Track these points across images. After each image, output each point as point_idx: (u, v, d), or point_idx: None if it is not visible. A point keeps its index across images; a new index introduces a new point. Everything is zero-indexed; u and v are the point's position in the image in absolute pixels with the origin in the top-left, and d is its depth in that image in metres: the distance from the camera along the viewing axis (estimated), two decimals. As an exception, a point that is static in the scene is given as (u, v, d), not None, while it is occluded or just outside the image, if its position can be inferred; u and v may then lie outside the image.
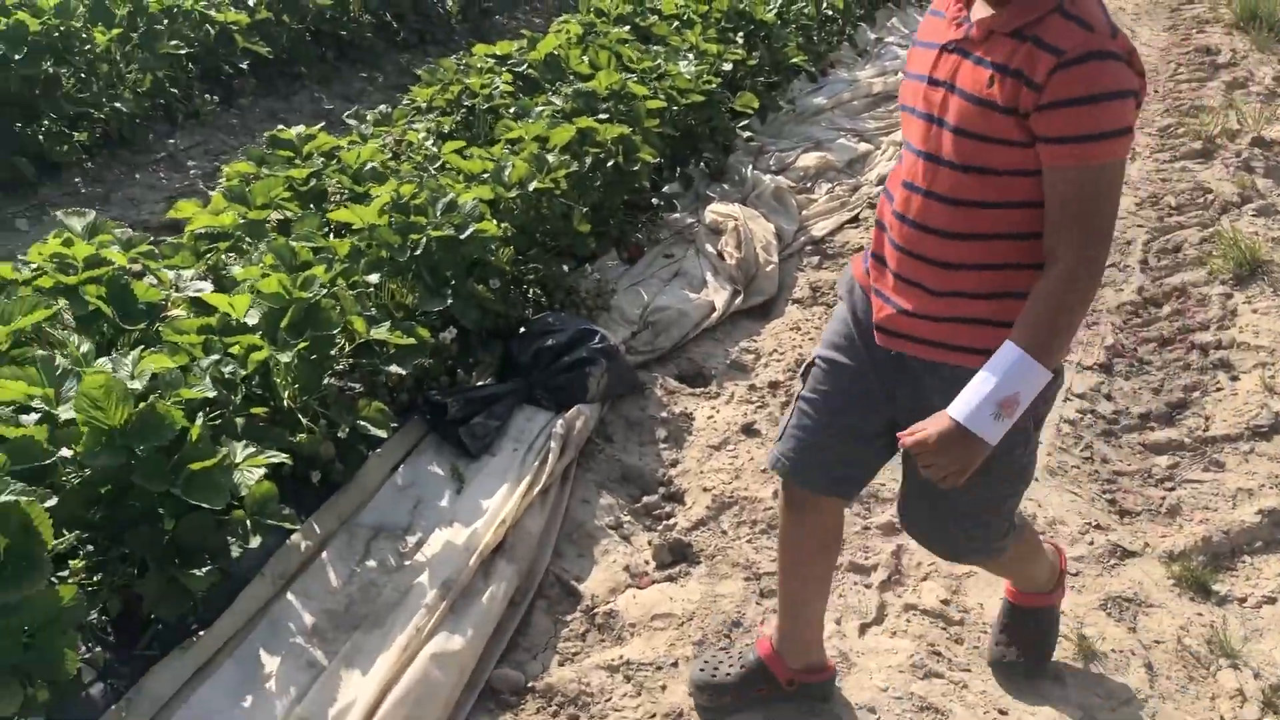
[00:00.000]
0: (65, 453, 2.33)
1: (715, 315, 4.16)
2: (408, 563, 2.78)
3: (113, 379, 2.36)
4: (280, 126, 4.29)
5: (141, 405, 2.38)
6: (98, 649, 2.32)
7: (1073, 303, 1.79)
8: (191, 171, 5.30)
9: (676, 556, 3.02)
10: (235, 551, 2.47)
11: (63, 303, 2.88)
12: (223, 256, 3.38)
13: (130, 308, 2.91)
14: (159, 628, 2.42)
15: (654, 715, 2.48)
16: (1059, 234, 1.79)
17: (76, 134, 5.04)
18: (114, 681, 2.28)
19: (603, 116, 4.45)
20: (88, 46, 5.05)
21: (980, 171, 1.82)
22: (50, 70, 4.83)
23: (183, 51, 5.48)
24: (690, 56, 5.50)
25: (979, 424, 1.78)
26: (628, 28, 6.03)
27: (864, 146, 6.21)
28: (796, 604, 2.41)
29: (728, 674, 2.47)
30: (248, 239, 3.48)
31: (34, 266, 3.03)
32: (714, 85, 5.22)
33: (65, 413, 2.38)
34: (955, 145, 1.83)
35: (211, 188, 4.87)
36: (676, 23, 6.24)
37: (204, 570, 2.40)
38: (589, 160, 4.13)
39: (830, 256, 4.91)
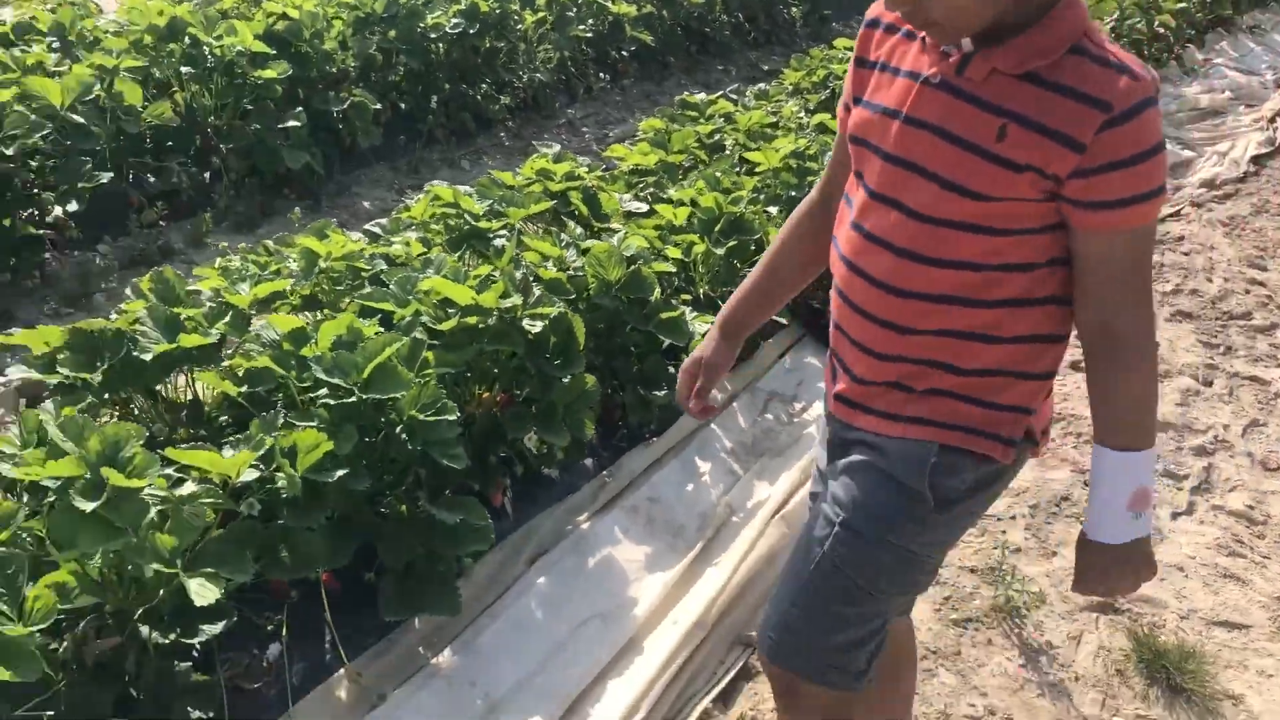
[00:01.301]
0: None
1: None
2: (795, 420, 3.54)
3: (612, 247, 3.24)
4: (677, 97, 5.19)
5: (630, 268, 3.25)
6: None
7: (1148, 384, 1.53)
8: (586, 135, 6.33)
9: (1010, 449, 3.63)
10: (682, 384, 3.30)
11: (550, 203, 3.83)
12: (652, 187, 4.28)
13: (597, 210, 3.84)
14: (624, 430, 3.28)
15: (995, 548, 3.11)
16: (1109, 306, 1.49)
17: (503, 97, 6.16)
18: (601, 457, 3.16)
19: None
20: (518, 26, 6.17)
21: (954, 227, 1.51)
22: (490, 43, 5.97)
23: (586, 35, 6.52)
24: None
25: (1128, 532, 1.53)
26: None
27: (1187, 154, 6.53)
28: None
29: None
30: (664, 175, 4.37)
31: (525, 178, 4.01)
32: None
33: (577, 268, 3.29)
34: (932, 197, 1.51)
35: (602, 150, 5.84)
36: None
37: (661, 393, 3.25)
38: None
39: (1158, 242, 5.35)
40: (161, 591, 2.23)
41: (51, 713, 2.02)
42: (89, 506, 2.05)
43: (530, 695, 2.44)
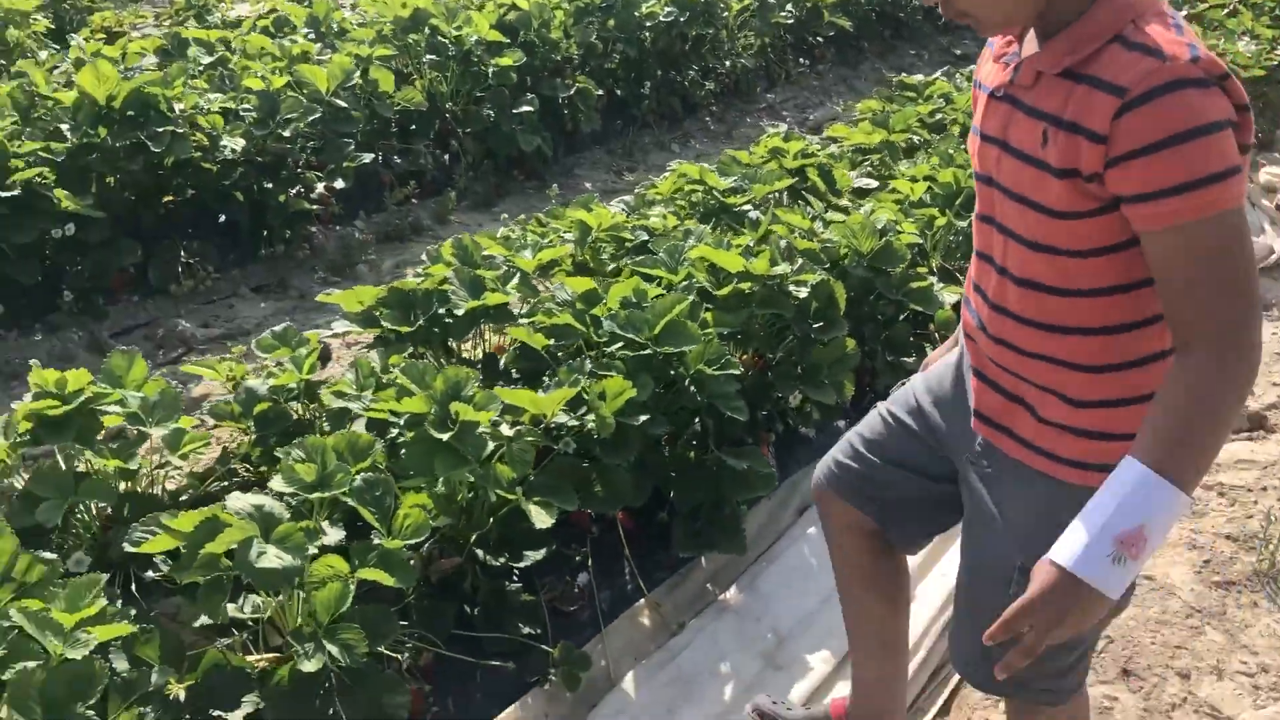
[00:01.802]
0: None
1: (1273, 257, 4.66)
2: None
3: (865, 219, 3.38)
4: (894, 78, 5.27)
5: (883, 239, 3.38)
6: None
7: (1214, 399, 1.28)
8: (786, 119, 6.47)
9: (1253, 424, 3.63)
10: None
11: (791, 180, 3.99)
12: (877, 165, 4.40)
13: (832, 185, 3.98)
14: (872, 394, 3.42)
15: (1250, 516, 3.13)
16: (1181, 316, 1.32)
17: (708, 83, 6.35)
18: (852, 418, 3.31)
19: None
20: (724, 14, 6.35)
21: (1047, 251, 1.43)
22: (697, 31, 6.16)
23: (786, 21, 6.67)
24: (1246, 38, 5.93)
25: (1091, 569, 1.26)
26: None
27: None
28: (856, 653, 2.09)
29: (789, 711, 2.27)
30: (887, 153, 4.48)
31: (759, 156, 4.18)
32: (1274, 62, 5.63)
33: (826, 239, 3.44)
34: (1019, 216, 1.44)
35: (804, 132, 5.97)
36: (1225, 10, 6.65)
37: (910, 359, 3.37)
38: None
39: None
40: (491, 519, 2.48)
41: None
42: (444, 436, 2.31)
43: (814, 632, 2.60)
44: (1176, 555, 2.97)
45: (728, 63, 6.41)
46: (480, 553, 2.46)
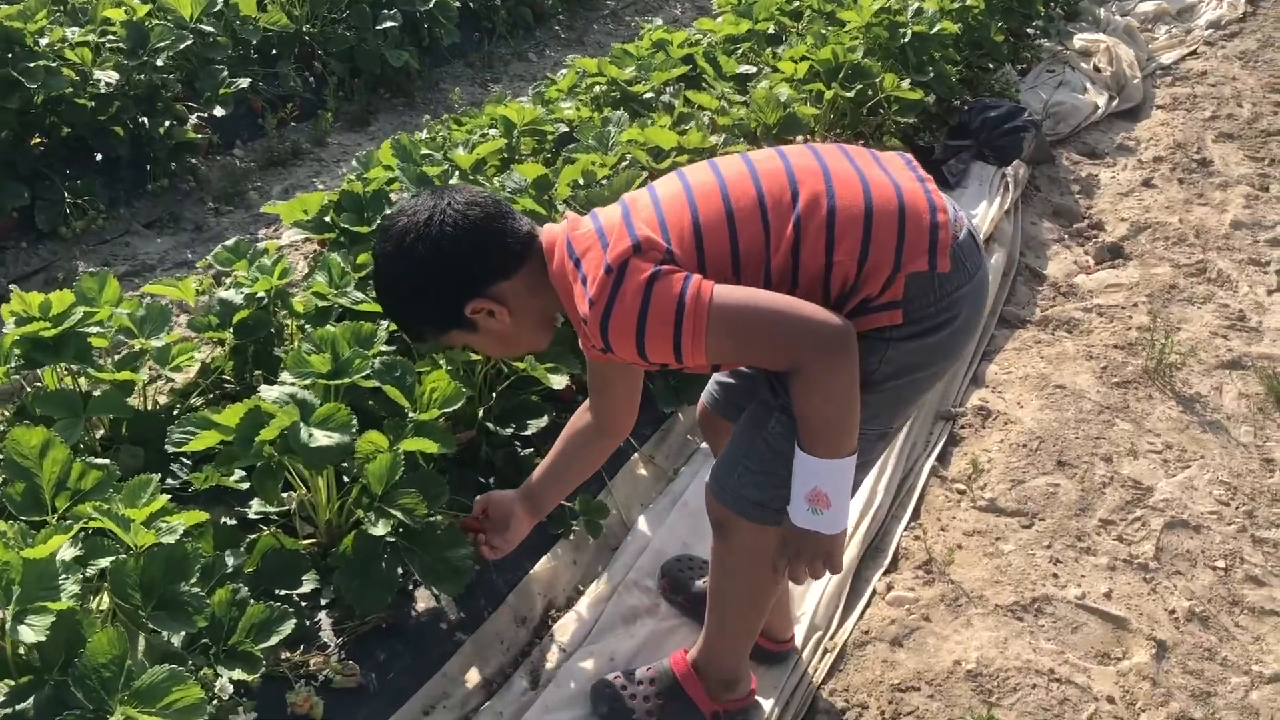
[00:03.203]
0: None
1: (1099, 112, 5.15)
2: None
3: (766, 93, 3.60)
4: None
5: (786, 111, 3.61)
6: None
7: (825, 401, 1.63)
8: (631, 24, 6.61)
9: (1113, 254, 4.08)
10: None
11: (685, 67, 4.16)
12: (745, 52, 4.61)
13: (720, 71, 4.18)
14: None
15: (1129, 328, 3.56)
16: (775, 364, 1.75)
17: (552, -9, 6.42)
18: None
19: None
20: (562, -79, 6.41)
21: None
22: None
23: (619, -73, 6.78)
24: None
25: (802, 520, 1.72)
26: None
27: (1189, -1, 6.99)
28: None
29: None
30: (754, 42, 4.71)
31: (646, 48, 4.33)
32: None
33: (736, 116, 3.63)
34: None
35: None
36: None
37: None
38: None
39: (1181, 78, 5.80)
40: (494, 394, 2.61)
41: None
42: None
43: (793, 463, 2.85)
44: (1079, 366, 3.37)
45: (568, -31, 6.49)
46: (490, 425, 2.59)
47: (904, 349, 1.74)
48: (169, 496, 1.97)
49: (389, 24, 5.10)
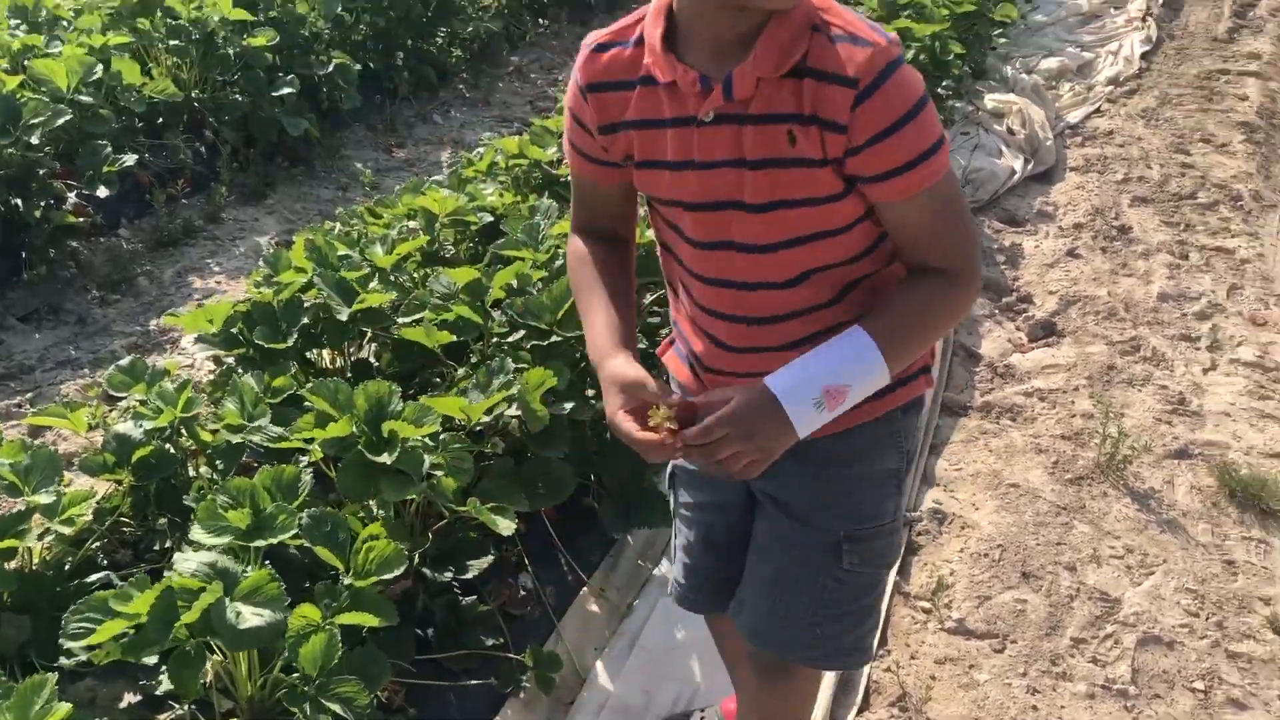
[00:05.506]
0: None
1: (1016, 176, 5.14)
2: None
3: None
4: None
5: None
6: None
7: (945, 308, 1.46)
8: (537, 81, 6.42)
9: (1046, 331, 4.02)
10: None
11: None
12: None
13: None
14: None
15: (1073, 415, 3.49)
16: (925, 260, 1.45)
17: (455, 50, 6.18)
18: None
19: (908, 16, 5.43)
20: (463, -23, 6.19)
21: (813, 239, 1.45)
22: (442, -4, 5.98)
23: (524, -18, 6.59)
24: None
25: (794, 404, 1.38)
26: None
27: (1086, 55, 7.08)
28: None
29: None
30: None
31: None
32: (979, -2, 6.16)
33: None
34: (773, 223, 1.43)
35: (560, 95, 5.95)
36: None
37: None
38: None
39: (1089, 137, 5.85)
40: (430, 536, 2.37)
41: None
42: (385, 459, 2.18)
43: (752, 588, 2.67)
44: (1029, 461, 3.27)
45: (470, 27, 6.25)
46: (427, 571, 2.35)
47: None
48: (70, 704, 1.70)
49: (285, 90, 4.80)
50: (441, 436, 2.36)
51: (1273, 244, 4.73)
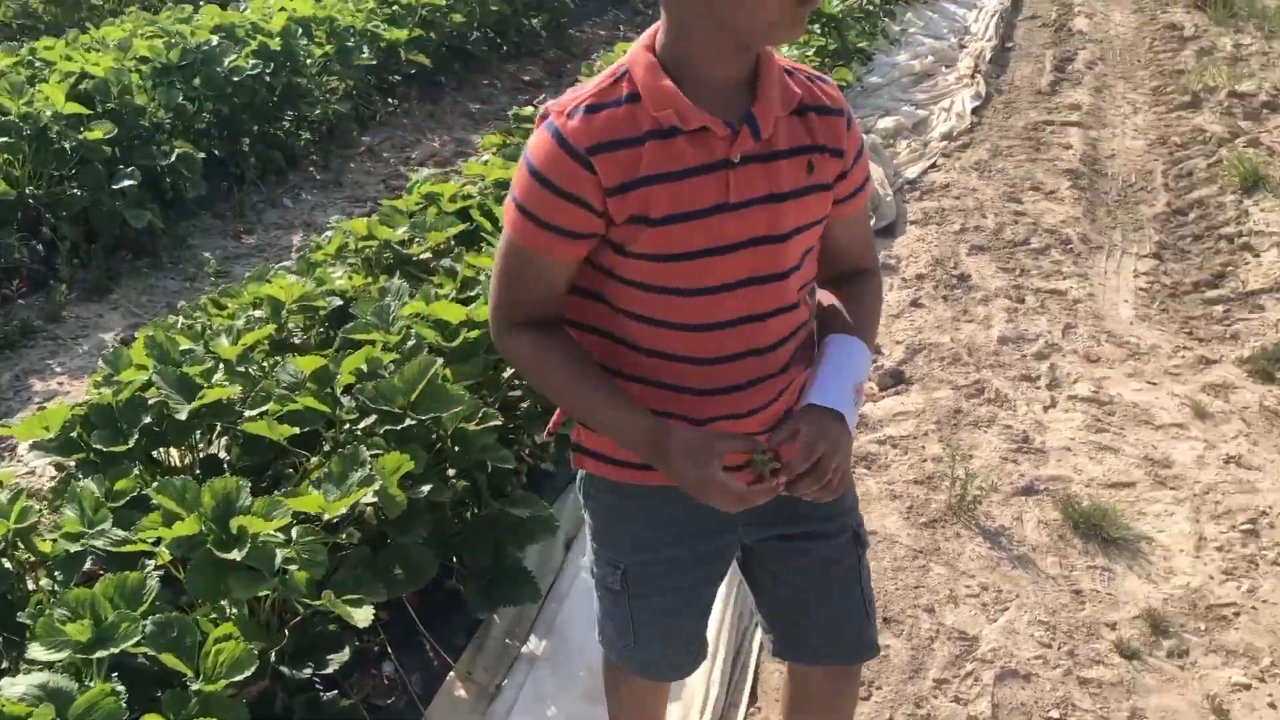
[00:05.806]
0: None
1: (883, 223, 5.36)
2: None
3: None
4: (510, 111, 5.41)
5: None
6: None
7: (879, 297, 1.77)
8: (389, 160, 6.41)
9: (895, 379, 4.17)
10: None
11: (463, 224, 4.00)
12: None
13: (497, 224, 4.04)
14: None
15: (924, 459, 3.61)
16: (860, 262, 1.71)
17: (303, 133, 6.14)
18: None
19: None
20: (307, 61, 6.16)
21: (807, 254, 1.60)
22: (288, 79, 5.94)
23: (370, 63, 6.59)
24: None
25: (846, 409, 1.54)
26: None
27: (921, 113, 7.43)
28: None
29: None
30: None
31: (415, 202, 4.15)
32: (816, 63, 6.42)
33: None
34: (795, 248, 1.55)
35: (409, 170, 5.94)
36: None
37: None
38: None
39: (927, 191, 6.13)
40: (286, 632, 2.32)
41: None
42: (235, 555, 2.13)
43: (621, 657, 2.67)
44: (885, 508, 3.37)
45: (317, 110, 6.23)
46: (284, 670, 2.29)
47: None
48: None
49: (126, 182, 4.69)
50: (294, 529, 2.32)
51: (1101, 284, 5.01)
